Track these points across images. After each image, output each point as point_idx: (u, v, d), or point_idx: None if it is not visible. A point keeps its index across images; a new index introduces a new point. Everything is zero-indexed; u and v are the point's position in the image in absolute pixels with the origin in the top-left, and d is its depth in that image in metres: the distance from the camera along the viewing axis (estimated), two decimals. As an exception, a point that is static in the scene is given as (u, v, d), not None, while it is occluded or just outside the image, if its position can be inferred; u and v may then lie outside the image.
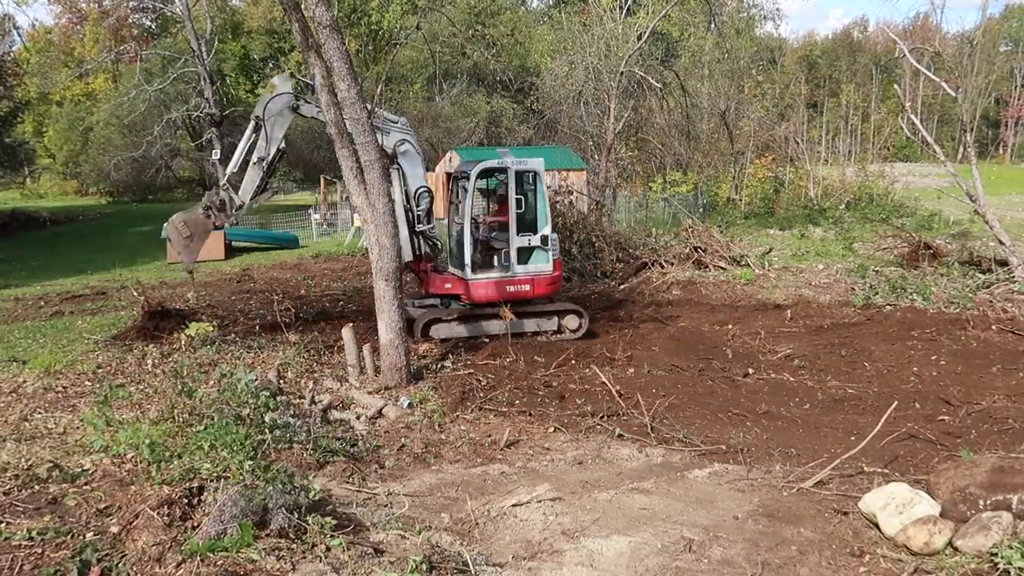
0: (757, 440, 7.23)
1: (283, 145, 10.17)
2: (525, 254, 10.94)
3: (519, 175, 10.76)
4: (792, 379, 9.18)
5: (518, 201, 10.75)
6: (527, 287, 10.95)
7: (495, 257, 11.03)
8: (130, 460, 5.69)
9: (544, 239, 10.94)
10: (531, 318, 11.22)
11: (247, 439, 5.78)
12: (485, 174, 11.17)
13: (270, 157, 9.96)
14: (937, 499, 5.13)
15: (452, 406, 8.06)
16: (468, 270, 10.76)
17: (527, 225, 10.95)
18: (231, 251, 23.09)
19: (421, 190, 10.90)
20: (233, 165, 10.11)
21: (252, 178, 10.02)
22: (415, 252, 11.23)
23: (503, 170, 10.89)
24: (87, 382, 8.94)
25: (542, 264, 11.03)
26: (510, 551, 4.92)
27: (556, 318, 11.35)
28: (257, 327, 11.62)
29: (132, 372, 9.30)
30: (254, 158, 9.92)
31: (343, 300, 14.64)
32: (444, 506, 5.69)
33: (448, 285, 11.17)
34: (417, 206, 10.93)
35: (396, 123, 10.80)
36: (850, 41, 76.99)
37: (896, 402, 7.27)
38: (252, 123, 10.00)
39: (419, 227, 11.07)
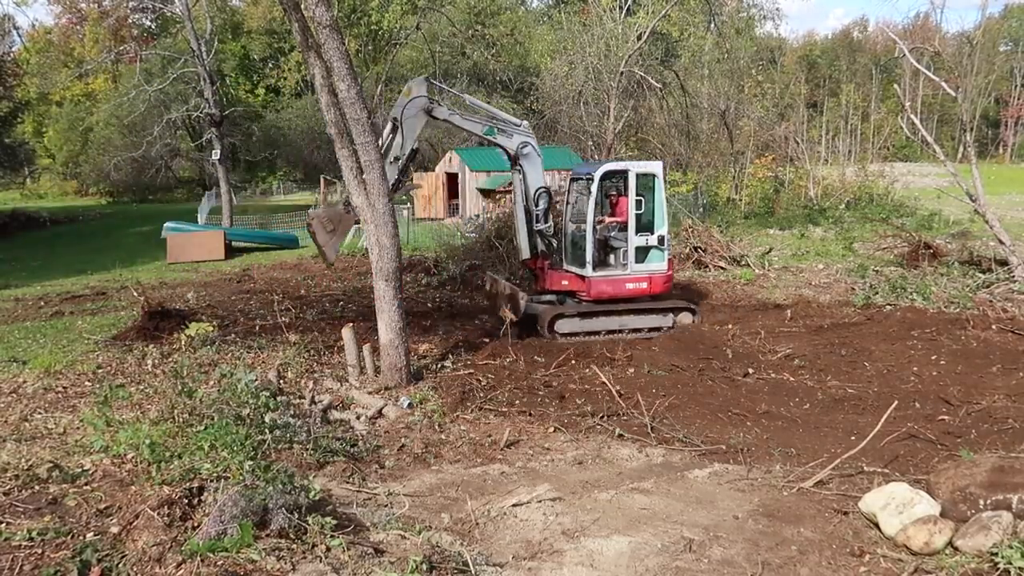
0: (757, 440, 7.23)
1: (416, 145, 10.48)
2: (642, 253, 11.34)
3: (638, 176, 11.14)
4: (792, 379, 9.18)
5: (637, 202, 11.11)
6: (645, 284, 11.38)
7: (613, 255, 11.42)
8: (130, 460, 5.69)
9: (661, 239, 11.35)
10: (648, 315, 11.55)
11: (247, 439, 5.78)
12: (607, 176, 11.41)
13: (405, 156, 10.26)
14: (937, 499, 5.13)
15: (452, 406, 8.06)
16: (589, 268, 11.09)
17: (645, 225, 11.28)
18: (231, 251, 23.08)
19: (540, 190, 11.27)
20: None
21: (388, 176, 10.23)
22: (532, 250, 11.60)
23: (624, 172, 11.24)
24: (87, 382, 8.94)
25: (658, 263, 11.45)
26: (510, 551, 4.92)
27: (671, 315, 11.69)
28: (257, 327, 11.62)
29: (132, 372, 9.30)
30: (390, 158, 10.17)
31: (343, 300, 14.64)
32: (444, 506, 5.69)
33: (565, 282, 11.53)
34: (536, 206, 11.27)
35: (519, 126, 11.20)
36: (850, 41, 77.05)
37: (896, 402, 7.26)
38: (390, 124, 10.29)
39: (538, 226, 11.40)
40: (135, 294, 12.92)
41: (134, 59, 38.08)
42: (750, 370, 9.52)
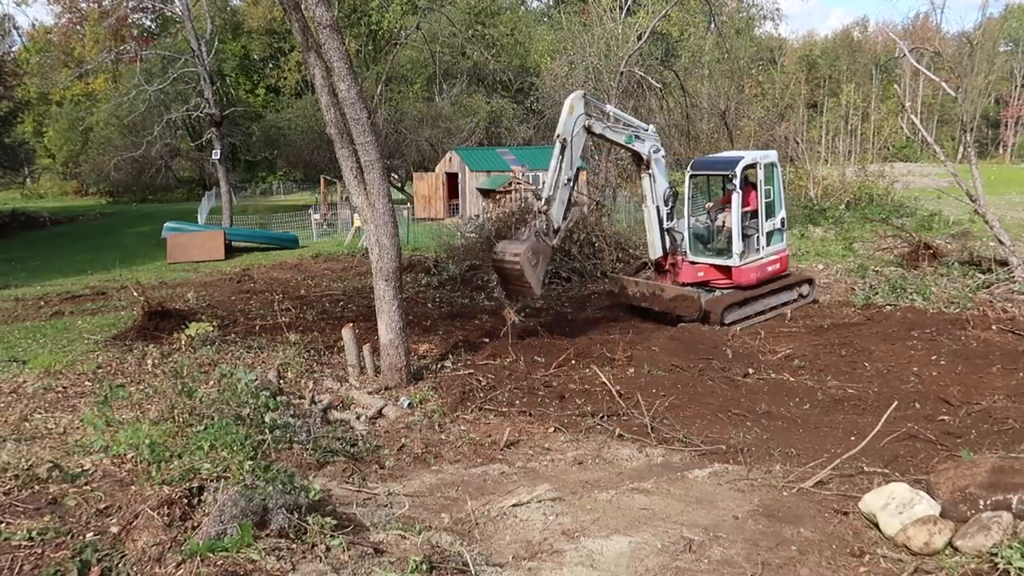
0: (757, 440, 7.23)
1: (581, 163, 10.44)
2: (769, 236, 12.20)
3: (764, 166, 11.87)
4: (792, 379, 9.18)
5: (766, 191, 11.89)
6: (778, 265, 12.39)
7: (745, 242, 11.89)
8: (130, 460, 5.69)
9: (783, 221, 12.40)
10: (781, 292, 12.43)
11: (247, 439, 5.78)
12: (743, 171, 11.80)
13: (575, 174, 10.28)
14: (937, 499, 5.13)
15: (452, 406, 8.06)
16: (737, 257, 11.74)
17: (768, 210, 12.08)
18: (231, 251, 23.08)
19: (668, 191, 11.66)
20: (549, 189, 10.20)
21: (562, 198, 10.23)
22: (664, 247, 11.94)
23: (753, 164, 11.78)
24: (87, 382, 8.95)
25: (781, 243, 12.48)
26: (510, 551, 4.92)
27: (796, 288, 12.69)
28: (257, 327, 11.62)
29: (132, 372, 9.30)
30: (564, 179, 10.11)
31: (343, 300, 14.64)
32: (444, 506, 5.69)
33: (700, 273, 12.07)
34: (665, 205, 11.65)
35: (647, 130, 11.44)
36: (850, 41, 76.91)
37: (896, 402, 7.27)
38: (559, 145, 10.13)
39: (668, 224, 11.90)
40: (135, 294, 12.91)
41: (134, 59, 38.00)
42: (750, 370, 9.52)
